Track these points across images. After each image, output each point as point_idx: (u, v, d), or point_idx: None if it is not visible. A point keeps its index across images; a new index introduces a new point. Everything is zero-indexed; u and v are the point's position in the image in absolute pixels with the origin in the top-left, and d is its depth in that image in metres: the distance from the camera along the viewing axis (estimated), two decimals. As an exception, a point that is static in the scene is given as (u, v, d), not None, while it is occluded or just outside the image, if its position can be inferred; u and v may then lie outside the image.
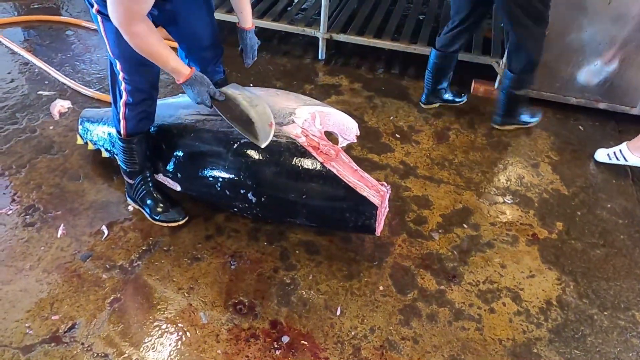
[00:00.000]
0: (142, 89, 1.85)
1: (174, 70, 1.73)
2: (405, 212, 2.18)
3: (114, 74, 1.82)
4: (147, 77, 1.85)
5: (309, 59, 3.23)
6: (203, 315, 1.74)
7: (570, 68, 2.69)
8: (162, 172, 2.06)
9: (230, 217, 2.09)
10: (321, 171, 1.82)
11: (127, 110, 1.87)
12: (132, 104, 1.85)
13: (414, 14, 3.45)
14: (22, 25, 3.39)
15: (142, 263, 1.90)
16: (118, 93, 1.85)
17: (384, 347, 1.68)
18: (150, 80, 1.87)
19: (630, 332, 1.77)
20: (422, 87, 2.99)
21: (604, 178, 2.43)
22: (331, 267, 1.93)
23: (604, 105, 2.77)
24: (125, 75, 1.78)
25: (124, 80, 1.79)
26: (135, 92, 1.83)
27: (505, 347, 1.70)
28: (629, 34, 2.52)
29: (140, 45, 1.62)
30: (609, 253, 2.06)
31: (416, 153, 2.51)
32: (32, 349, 1.61)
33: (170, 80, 2.92)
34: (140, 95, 1.85)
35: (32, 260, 1.88)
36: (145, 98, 1.88)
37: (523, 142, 2.63)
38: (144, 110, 1.89)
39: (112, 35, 1.70)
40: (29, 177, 2.22)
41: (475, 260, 1.99)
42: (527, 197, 2.29)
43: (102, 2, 1.62)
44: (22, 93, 2.73)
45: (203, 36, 1.97)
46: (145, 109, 1.90)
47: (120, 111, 1.87)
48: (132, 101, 1.84)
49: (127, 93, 1.82)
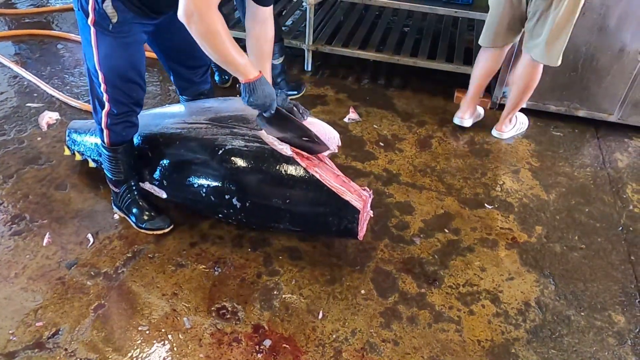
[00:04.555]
0: (125, 103, 1.86)
1: (240, 68, 1.67)
2: (387, 218, 2.22)
3: (94, 86, 1.83)
4: (132, 95, 1.86)
5: (296, 70, 3.29)
6: (186, 320, 1.76)
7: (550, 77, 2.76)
8: (148, 180, 2.09)
9: (215, 225, 2.12)
10: (304, 176, 1.86)
11: (109, 120, 1.88)
12: (114, 115, 1.87)
13: (397, 27, 3.53)
14: (13, 40, 3.44)
15: (127, 270, 1.92)
16: (99, 104, 1.86)
17: (365, 349, 1.71)
18: (134, 97, 1.87)
19: (606, 332, 1.81)
20: (407, 97, 3.07)
21: (582, 183, 2.48)
22: (314, 272, 1.96)
23: (582, 113, 2.84)
24: (108, 88, 1.79)
25: (106, 92, 1.80)
26: (118, 104, 1.84)
27: (484, 347, 1.73)
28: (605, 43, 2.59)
29: (208, 34, 1.57)
30: (587, 255, 2.10)
31: (399, 160, 2.55)
32: (16, 355, 1.62)
33: (158, 92, 2.97)
34: (123, 107, 1.86)
35: (18, 269, 1.90)
36: (127, 111, 1.89)
37: (504, 149, 2.69)
38: (126, 120, 1.91)
39: (105, 48, 1.71)
40: (16, 187, 2.25)
41: (456, 263, 2.03)
42: (507, 202, 2.34)
43: (100, 14, 1.64)
44: (11, 105, 2.77)
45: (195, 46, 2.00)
46: (127, 119, 1.91)
47: (102, 121, 1.89)
48: (115, 112, 1.86)
49: (109, 103, 1.83)
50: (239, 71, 1.69)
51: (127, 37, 1.75)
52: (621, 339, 1.79)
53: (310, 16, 3.07)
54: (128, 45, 1.77)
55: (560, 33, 2.26)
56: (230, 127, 1.98)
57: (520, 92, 2.55)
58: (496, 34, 2.46)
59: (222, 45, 1.61)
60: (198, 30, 1.57)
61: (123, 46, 1.75)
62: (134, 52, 1.81)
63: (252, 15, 1.90)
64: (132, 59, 1.81)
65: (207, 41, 1.60)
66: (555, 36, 2.27)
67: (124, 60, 1.78)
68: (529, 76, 2.48)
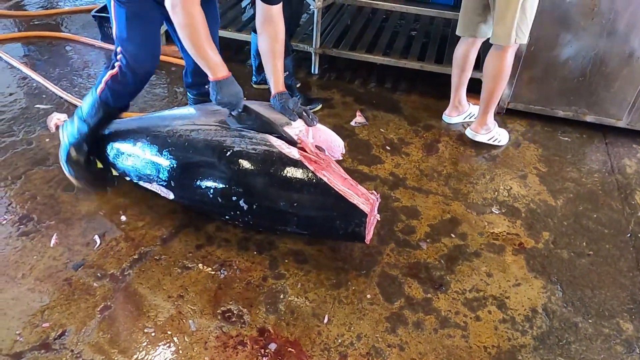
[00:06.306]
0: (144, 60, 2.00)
1: (211, 64, 1.80)
2: (394, 222, 2.21)
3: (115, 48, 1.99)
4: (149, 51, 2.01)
5: (303, 73, 3.29)
6: (192, 323, 1.76)
7: (558, 82, 2.75)
8: (155, 181, 2.09)
9: (221, 227, 2.12)
10: (312, 179, 1.86)
11: (110, 81, 2.02)
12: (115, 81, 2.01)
13: (405, 30, 3.53)
14: (22, 41, 3.47)
15: (133, 272, 1.93)
16: (111, 65, 2.01)
17: (370, 354, 1.70)
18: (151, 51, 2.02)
19: (614, 340, 1.79)
20: (413, 101, 3.06)
21: (590, 189, 2.47)
22: (319, 275, 1.96)
23: (591, 118, 2.82)
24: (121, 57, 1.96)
25: (120, 60, 1.96)
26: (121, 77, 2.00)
27: (490, 354, 1.72)
28: (613, 48, 2.58)
29: (188, 26, 1.71)
30: (595, 262, 2.09)
31: (406, 165, 2.55)
32: (22, 356, 1.63)
33: (165, 94, 2.98)
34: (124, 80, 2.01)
35: (25, 269, 1.91)
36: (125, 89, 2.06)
37: (511, 154, 2.68)
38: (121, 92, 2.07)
39: (120, 20, 1.89)
40: (24, 188, 2.26)
41: (462, 269, 2.02)
42: (514, 208, 2.33)
43: None
44: (20, 106, 2.79)
45: None
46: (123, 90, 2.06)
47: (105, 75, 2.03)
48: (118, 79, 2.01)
49: (118, 68, 1.98)
50: (210, 68, 1.82)
51: (140, 10, 1.89)
52: (629, 347, 1.77)
53: (317, 19, 3.07)
54: (140, 18, 1.90)
55: (505, 13, 2.29)
56: (238, 130, 1.98)
57: (490, 85, 2.53)
58: (464, 22, 2.54)
59: (198, 39, 1.75)
60: (179, 21, 1.71)
61: (135, 18, 1.90)
62: (146, 27, 1.95)
63: (262, 15, 2.02)
64: (144, 34, 1.95)
65: (186, 33, 1.74)
66: (501, 17, 2.31)
67: (134, 33, 1.93)
68: (495, 68, 2.46)
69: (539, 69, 2.73)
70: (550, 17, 2.56)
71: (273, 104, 2.10)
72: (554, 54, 2.67)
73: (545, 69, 2.73)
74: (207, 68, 1.82)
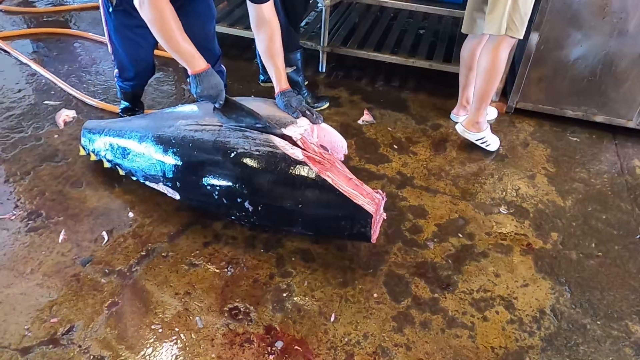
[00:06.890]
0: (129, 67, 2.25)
1: (188, 58, 1.78)
2: (401, 222, 2.20)
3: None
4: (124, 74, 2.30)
5: (311, 71, 3.28)
6: (199, 320, 1.76)
7: (567, 81, 2.73)
8: (162, 182, 2.10)
9: (228, 225, 2.13)
10: (316, 180, 1.86)
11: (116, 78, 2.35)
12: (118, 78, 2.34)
13: (413, 29, 3.51)
14: (31, 38, 3.48)
15: (141, 268, 1.93)
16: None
17: (377, 353, 1.70)
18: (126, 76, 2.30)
19: (623, 342, 1.78)
20: (421, 100, 3.05)
21: (599, 190, 2.45)
22: (326, 274, 1.96)
23: (600, 118, 2.80)
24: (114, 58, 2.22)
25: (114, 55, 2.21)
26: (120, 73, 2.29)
27: (497, 354, 1.71)
28: (624, 48, 2.56)
29: (157, 21, 1.70)
30: (604, 263, 2.07)
31: (413, 164, 2.54)
32: (30, 351, 1.64)
33: (173, 92, 2.98)
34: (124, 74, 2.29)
35: (33, 265, 1.92)
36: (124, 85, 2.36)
37: (520, 153, 2.66)
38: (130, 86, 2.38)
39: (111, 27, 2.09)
40: (32, 184, 2.27)
41: (470, 269, 2.01)
42: (522, 208, 2.31)
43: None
44: (29, 102, 2.80)
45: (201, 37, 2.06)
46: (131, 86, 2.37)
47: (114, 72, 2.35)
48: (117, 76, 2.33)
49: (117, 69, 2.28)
50: (186, 61, 1.80)
51: (128, 21, 1.99)
52: (638, 349, 1.76)
53: (325, 17, 3.06)
54: (128, 30, 2.03)
55: (496, 4, 2.28)
56: (242, 130, 1.97)
57: (482, 81, 2.48)
58: (467, 20, 2.54)
59: (170, 33, 1.73)
60: (148, 17, 1.70)
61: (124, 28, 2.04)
62: (134, 38, 2.08)
63: (255, 17, 2.02)
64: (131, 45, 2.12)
65: (156, 28, 1.72)
66: (492, 8, 2.30)
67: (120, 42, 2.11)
68: (488, 62, 2.42)
69: (548, 68, 2.71)
70: (560, 16, 2.54)
71: (277, 102, 2.09)
72: (563, 54, 2.65)
73: (555, 68, 2.70)
74: (184, 62, 1.80)
